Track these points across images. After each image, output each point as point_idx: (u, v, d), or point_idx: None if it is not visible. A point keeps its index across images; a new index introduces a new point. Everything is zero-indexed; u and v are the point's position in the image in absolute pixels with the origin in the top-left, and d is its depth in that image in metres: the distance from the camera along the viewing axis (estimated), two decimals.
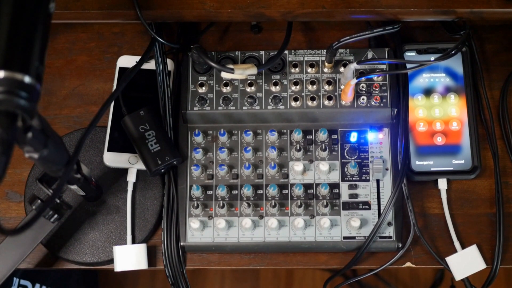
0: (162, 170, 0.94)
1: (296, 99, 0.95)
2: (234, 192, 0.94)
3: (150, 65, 1.00)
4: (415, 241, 0.93)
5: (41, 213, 0.65)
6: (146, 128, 0.94)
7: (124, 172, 0.97)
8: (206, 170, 0.95)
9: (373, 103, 0.95)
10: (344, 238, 0.92)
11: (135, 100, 0.98)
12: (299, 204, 0.92)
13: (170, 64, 1.01)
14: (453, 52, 0.92)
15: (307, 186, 0.94)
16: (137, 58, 0.98)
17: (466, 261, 0.92)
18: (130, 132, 0.95)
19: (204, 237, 0.93)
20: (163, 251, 0.93)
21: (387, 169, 0.95)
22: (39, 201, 0.85)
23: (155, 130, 0.94)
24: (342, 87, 0.95)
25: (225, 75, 0.91)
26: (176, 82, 1.00)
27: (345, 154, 0.95)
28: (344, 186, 0.94)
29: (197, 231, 0.93)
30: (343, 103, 0.95)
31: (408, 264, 0.94)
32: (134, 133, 0.94)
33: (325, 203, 0.92)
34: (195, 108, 0.96)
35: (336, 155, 0.95)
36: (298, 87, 0.96)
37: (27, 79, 0.59)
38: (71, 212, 0.95)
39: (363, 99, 0.95)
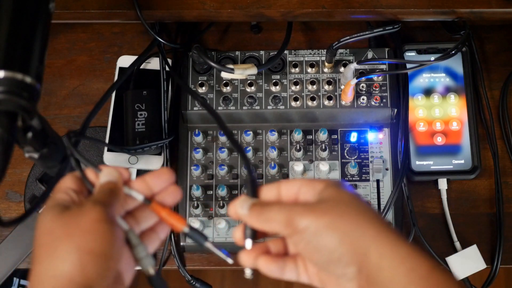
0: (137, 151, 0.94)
1: (296, 99, 0.95)
2: (234, 192, 0.94)
3: (155, 65, 1.00)
4: (415, 241, 0.93)
5: (35, 208, 0.65)
6: (141, 108, 0.94)
7: None
8: (206, 170, 0.95)
9: (373, 103, 0.95)
10: None
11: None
12: None
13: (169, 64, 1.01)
14: (453, 52, 0.92)
15: None
16: None
17: (466, 261, 0.92)
18: (125, 106, 0.95)
19: None
20: (163, 251, 0.93)
21: (387, 169, 0.95)
22: None
23: (148, 112, 0.94)
24: (342, 87, 0.95)
25: (225, 75, 0.91)
26: (176, 82, 1.00)
27: (345, 154, 0.95)
28: None
29: None
30: (343, 103, 0.95)
31: None
32: (128, 107, 0.95)
33: None
34: (195, 108, 0.96)
35: (336, 155, 0.95)
36: (298, 87, 0.96)
37: (27, 79, 0.59)
38: None
39: (363, 99, 0.95)
